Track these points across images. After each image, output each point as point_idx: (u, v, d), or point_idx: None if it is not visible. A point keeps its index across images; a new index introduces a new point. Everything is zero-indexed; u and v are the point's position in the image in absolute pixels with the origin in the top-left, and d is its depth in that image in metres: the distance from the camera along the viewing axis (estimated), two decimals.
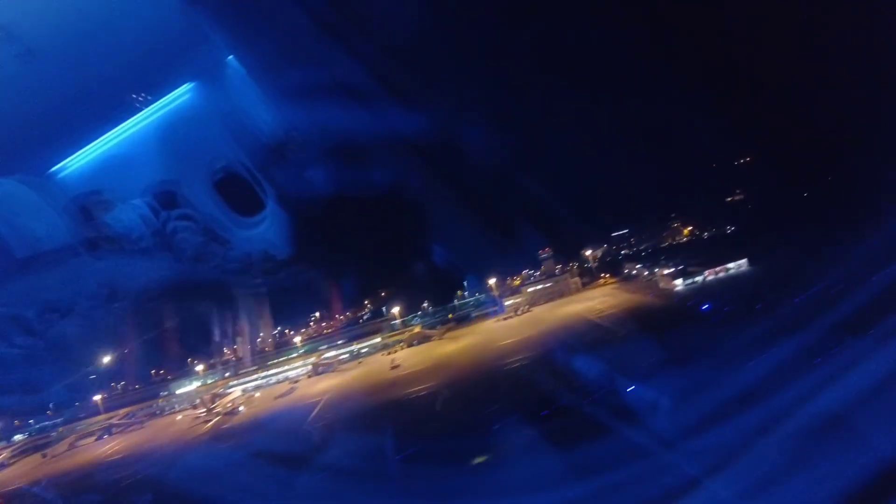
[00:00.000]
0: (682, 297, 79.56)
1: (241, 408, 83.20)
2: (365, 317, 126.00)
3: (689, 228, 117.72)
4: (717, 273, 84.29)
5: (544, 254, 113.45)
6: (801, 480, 30.30)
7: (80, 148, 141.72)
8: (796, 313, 50.23)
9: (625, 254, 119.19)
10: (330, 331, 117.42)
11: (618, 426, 39.29)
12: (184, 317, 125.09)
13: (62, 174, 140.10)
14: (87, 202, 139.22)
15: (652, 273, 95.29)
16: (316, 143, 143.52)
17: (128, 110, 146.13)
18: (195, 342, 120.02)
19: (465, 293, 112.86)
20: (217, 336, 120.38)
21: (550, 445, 39.84)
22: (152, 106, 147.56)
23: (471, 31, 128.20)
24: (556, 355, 63.19)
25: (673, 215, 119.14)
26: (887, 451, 29.87)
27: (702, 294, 76.78)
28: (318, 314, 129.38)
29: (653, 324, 64.23)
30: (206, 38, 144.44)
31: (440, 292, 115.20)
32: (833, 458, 31.07)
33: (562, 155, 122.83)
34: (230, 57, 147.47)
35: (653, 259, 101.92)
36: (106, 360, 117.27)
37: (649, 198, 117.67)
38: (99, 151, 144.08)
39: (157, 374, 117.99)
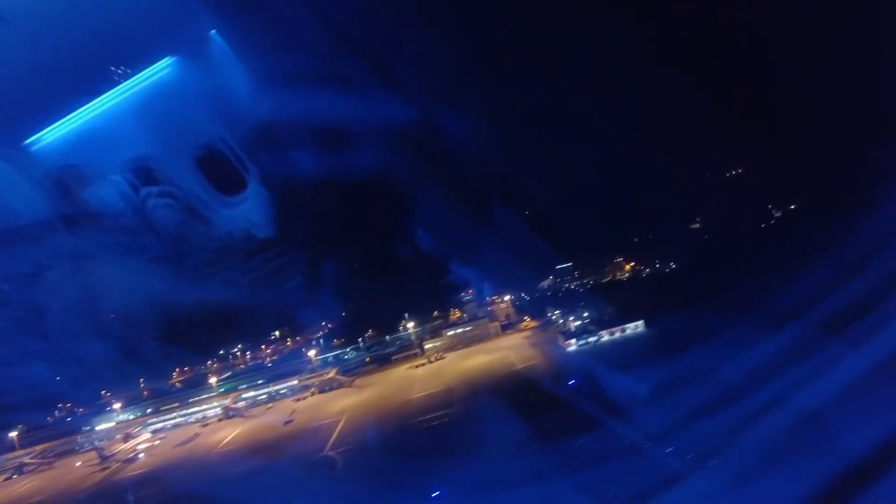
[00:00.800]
0: (566, 362, 78.72)
1: (140, 455, 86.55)
2: (294, 350, 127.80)
3: (632, 265, 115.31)
4: (612, 334, 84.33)
5: (467, 296, 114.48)
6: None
7: (56, 120, 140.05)
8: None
9: (565, 288, 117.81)
10: (268, 359, 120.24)
11: None
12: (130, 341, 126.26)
13: (36, 147, 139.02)
14: (62, 176, 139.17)
15: (566, 321, 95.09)
16: (296, 126, 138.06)
17: (106, 82, 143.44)
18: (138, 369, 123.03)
19: (387, 336, 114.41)
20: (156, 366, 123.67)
21: None
22: (132, 79, 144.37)
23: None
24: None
25: (619, 254, 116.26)
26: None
27: (587, 358, 76.63)
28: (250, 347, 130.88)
29: (516, 401, 64.32)
30: (190, 11, 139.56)
31: (384, 324, 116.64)
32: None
33: (510, 180, 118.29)
34: (213, 31, 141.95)
35: (574, 305, 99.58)
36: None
37: (609, 221, 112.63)
38: (75, 125, 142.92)
39: (104, 396, 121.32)
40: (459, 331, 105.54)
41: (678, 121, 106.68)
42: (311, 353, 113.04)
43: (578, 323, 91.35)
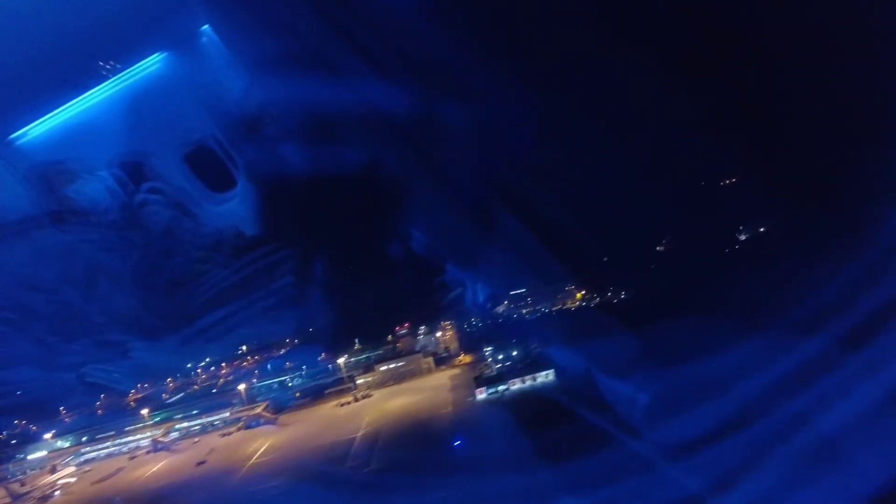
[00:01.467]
0: (466, 416, 76.67)
1: (56, 493, 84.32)
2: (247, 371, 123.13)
3: (582, 293, 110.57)
4: (523, 382, 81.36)
5: (402, 330, 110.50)
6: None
7: (43, 115, 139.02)
8: None
9: (515, 316, 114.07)
10: (222, 379, 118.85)
11: None
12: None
13: (22, 141, 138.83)
14: (48, 171, 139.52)
15: (493, 360, 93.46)
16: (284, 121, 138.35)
17: (95, 77, 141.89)
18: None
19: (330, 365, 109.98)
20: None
21: None
22: (121, 74, 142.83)
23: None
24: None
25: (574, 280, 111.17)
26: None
27: (483, 414, 75.43)
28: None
29: (403, 460, 64.81)
30: (181, 7, 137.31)
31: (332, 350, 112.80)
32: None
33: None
34: (206, 26, 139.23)
35: (510, 340, 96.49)
36: None
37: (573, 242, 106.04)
38: (62, 119, 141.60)
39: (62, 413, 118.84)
40: (392, 366, 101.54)
41: (650, 136, 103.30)
42: (253, 379, 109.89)
43: (499, 366, 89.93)
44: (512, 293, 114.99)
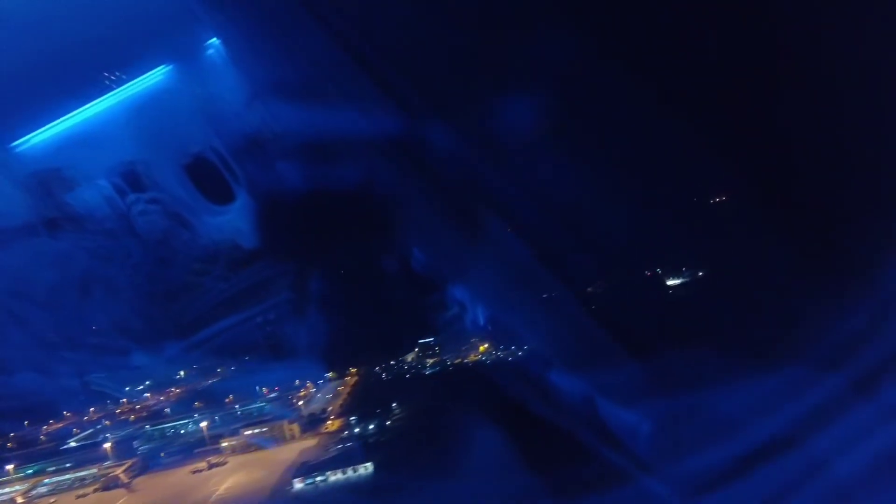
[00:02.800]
0: None
1: None
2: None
3: (486, 346, 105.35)
4: (344, 473, 76.75)
5: (272, 393, 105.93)
6: None
7: (46, 123, 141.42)
8: None
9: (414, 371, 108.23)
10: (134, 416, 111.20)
11: None
12: None
13: (23, 148, 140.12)
14: (48, 178, 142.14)
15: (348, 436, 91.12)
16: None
17: (100, 87, 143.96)
18: None
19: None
20: None
21: None
22: (127, 84, 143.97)
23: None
24: None
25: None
26: None
27: None
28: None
29: None
30: (191, 18, 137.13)
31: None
32: None
33: None
34: (214, 40, 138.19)
35: (382, 407, 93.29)
36: None
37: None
38: (64, 127, 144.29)
39: None
40: (256, 430, 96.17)
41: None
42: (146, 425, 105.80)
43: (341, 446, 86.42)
44: (421, 341, 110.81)
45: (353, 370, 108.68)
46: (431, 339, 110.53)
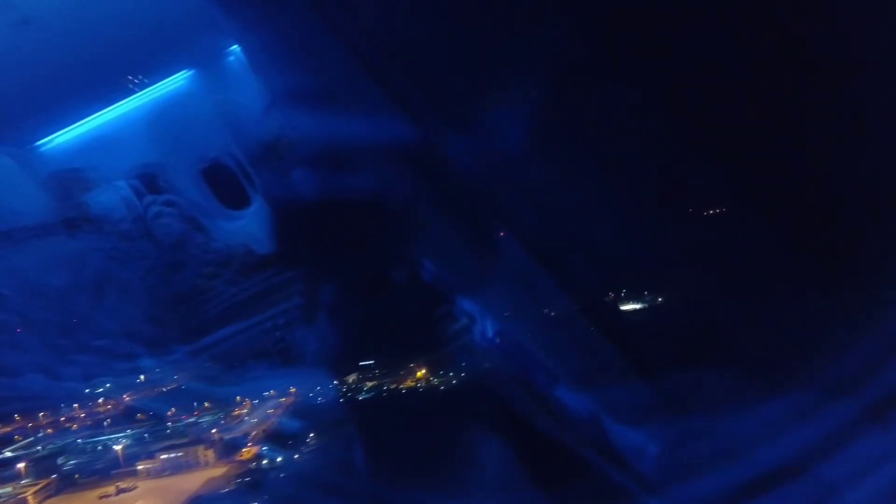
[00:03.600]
0: None
1: None
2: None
3: (424, 371, 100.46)
4: None
5: (189, 418, 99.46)
6: None
7: (69, 124, 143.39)
8: None
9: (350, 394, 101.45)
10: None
11: None
12: None
13: (45, 148, 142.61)
14: (68, 178, 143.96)
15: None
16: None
17: (122, 90, 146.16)
18: None
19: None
20: None
21: None
22: (149, 88, 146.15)
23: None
24: None
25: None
26: None
27: None
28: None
29: None
30: (213, 25, 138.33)
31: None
32: None
33: None
34: (235, 46, 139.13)
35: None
36: None
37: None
38: (87, 129, 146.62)
39: None
40: (172, 455, 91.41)
41: None
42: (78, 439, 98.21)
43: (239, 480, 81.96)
44: (361, 363, 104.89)
45: (293, 389, 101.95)
46: (371, 361, 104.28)
